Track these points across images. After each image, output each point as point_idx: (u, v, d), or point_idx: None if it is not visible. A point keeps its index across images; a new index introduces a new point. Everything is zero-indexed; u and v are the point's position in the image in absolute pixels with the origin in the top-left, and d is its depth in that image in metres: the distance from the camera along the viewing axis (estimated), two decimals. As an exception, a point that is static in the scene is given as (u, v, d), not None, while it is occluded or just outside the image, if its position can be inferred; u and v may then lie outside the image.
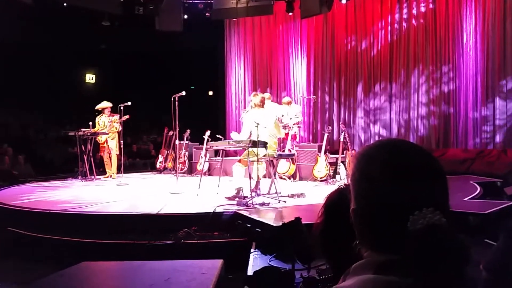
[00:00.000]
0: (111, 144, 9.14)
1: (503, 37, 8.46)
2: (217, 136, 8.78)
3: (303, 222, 3.16)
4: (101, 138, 9.16)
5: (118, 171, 9.03)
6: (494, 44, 8.56)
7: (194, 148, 10.40)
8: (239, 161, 6.08)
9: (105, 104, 9.23)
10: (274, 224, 4.25)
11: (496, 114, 8.57)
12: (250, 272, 3.29)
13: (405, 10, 10.07)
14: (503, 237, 1.94)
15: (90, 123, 9.10)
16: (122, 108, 8.68)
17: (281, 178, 8.12)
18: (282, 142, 8.31)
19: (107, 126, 9.10)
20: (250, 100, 6.33)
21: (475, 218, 4.42)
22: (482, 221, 4.38)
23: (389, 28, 10.29)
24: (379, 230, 0.79)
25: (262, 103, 6.07)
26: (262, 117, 5.82)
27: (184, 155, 10.09)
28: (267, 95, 8.14)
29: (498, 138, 8.55)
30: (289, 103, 8.94)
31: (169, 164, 10.48)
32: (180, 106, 6.76)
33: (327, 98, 11.42)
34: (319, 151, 8.07)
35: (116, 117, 9.08)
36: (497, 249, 1.96)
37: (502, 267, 1.82)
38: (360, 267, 0.80)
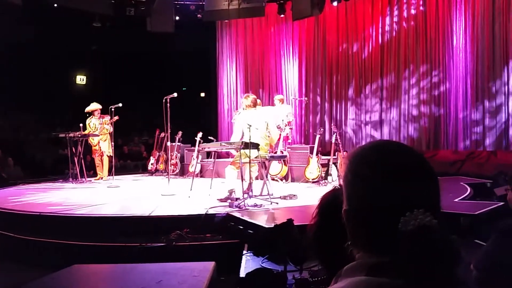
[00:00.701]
0: (103, 146, 9.09)
1: (492, 39, 8.55)
2: (209, 137, 8.78)
3: (295, 224, 3.17)
4: (93, 141, 9.09)
5: (109, 173, 8.97)
6: (484, 47, 8.65)
7: (186, 149, 10.36)
8: (232, 163, 6.08)
9: (95, 106, 9.16)
10: (267, 226, 4.25)
11: (485, 116, 8.66)
12: (242, 274, 3.28)
13: (395, 13, 10.14)
14: (494, 236, 1.96)
15: (81, 125, 9.04)
16: (113, 109, 8.64)
17: (273, 179, 8.13)
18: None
19: (98, 128, 9.04)
20: (241, 102, 6.33)
21: (466, 219, 4.46)
22: (473, 222, 4.42)
23: (380, 30, 10.35)
24: (371, 232, 0.80)
25: (253, 104, 6.08)
26: (254, 118, 5.83)
27: (176, 157, 10.05)
28: (257, 101, 8.16)
29: (487, 140, 8.64)
30: (281, 100, 8.97)
31: (161, 166, 10.43)
32: (171, 108, 6.73)
33: (318, 100, 11.46)
34: (311, 152, 8.10)
35: (107, 118, 9.02)
36: (487, 248, 1.99)
37: (492, 266, 1.84)
38: (351, 269, 0.80)
